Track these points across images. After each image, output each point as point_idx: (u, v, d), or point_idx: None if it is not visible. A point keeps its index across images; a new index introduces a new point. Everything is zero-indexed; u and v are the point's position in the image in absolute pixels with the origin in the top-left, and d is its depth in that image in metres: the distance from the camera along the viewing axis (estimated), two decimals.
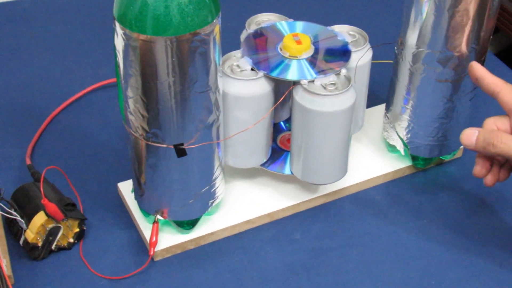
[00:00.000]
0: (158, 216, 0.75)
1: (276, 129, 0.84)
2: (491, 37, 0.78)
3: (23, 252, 0.75)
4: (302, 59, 0.75)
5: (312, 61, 0.75)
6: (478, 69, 0.72)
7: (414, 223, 0.80)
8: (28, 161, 0.83)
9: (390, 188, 0.84)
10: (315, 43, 0.77)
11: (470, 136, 0.70)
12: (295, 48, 0.75)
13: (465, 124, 0.81)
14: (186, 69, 0.65)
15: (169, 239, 0.76)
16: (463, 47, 0.75)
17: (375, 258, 0.76)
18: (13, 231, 0.75)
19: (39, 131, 0.89)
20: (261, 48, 0.77)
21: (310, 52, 0.76)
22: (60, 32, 1.08)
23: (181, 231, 0.76)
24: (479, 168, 0.73)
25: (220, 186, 0.76)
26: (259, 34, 0.79)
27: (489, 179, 0.73)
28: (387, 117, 0.85)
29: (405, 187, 0.84)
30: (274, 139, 0.83)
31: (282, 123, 0.86)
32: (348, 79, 0.73)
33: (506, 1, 1.11)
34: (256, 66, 0.74)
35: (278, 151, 0.82)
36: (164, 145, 0.69)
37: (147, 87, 0.66)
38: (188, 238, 0.76)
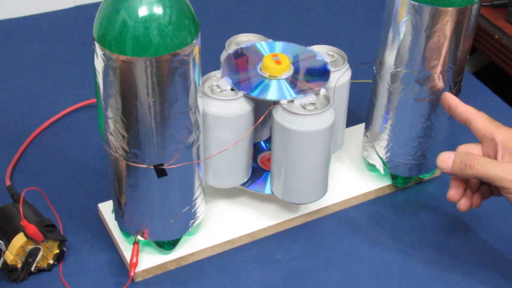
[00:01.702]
0: (139, 237, 0.74)
1: (256, 149, 0.84)
2: (468, 56, 0.78)
3: (2, 274, 0.74)
4: (282, 79, 0.76)
5: (292, 81, 0.76)
6: (451, 98, 0.74)
7: (394, 241, 0.80)
8: (7, 182, 0.83)
9: (370, 207, 0.84)
10: (295, 63, 0.78)
11: (446, 159, 0.71)
12: (275, 68, 0.76)
13: (443, 142, 0.82)
14: (166, 90, 0.65)
15: (149, 260, 0.75)
16: (441, 67, 0.76)
17: (356, 277, 0.76)
18: None
19: (19, 152, 0.88)
20: (241, 68, 0.77)
21: (289, 72, 0.76)
22: (40, 52, 1.08)
23: (161, 251, 0.76)
24: (453, 192, 0.73)
25: (201, 206, 0.75)
26: (239, 54, 0.79)
27: (462, 204, 0.73)
28: (367, 136, 0.85)
29: (385, 206, 0.85)
30: (254, 159, 0.83)
31: (262, 142, 0.86)
32: (327, 99, 0.74)
33: (483, 20, 1.12)
34: (236, 86, 0.75)
35: (258, 171, 0.82)
36: (144, 166, 0.69)
37: (127, 108, 0.66)
38: (169, 259, 0.76)
